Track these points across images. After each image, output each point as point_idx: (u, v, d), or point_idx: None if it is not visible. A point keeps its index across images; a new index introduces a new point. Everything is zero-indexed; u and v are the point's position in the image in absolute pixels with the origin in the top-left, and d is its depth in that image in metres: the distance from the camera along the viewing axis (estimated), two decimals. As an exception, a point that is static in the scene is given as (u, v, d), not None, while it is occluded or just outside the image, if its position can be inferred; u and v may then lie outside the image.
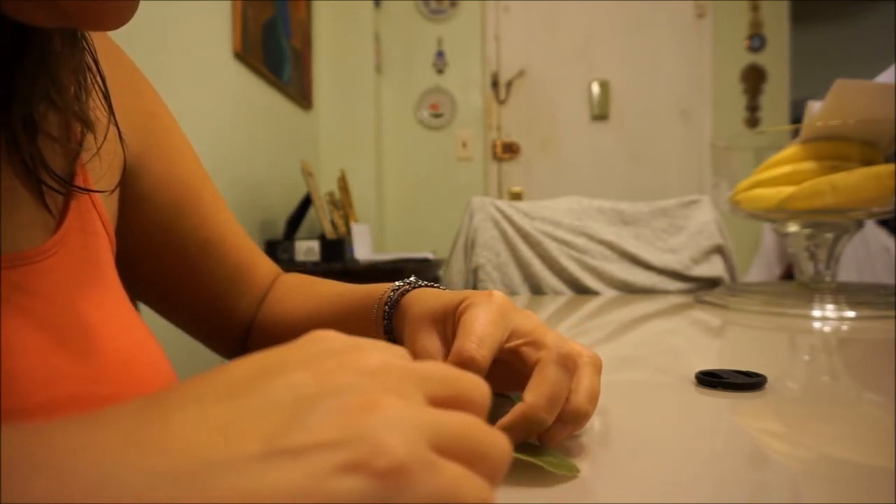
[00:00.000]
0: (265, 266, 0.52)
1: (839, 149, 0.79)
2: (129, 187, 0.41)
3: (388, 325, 0.38)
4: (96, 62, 0.34)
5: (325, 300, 0.45)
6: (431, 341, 0.33)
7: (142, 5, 0.27)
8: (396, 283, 0.39)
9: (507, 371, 0.32)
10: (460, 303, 0.32)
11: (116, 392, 0.30)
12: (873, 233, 2.01)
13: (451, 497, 0.15)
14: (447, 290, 0.36)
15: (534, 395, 0.28)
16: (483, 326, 0.30)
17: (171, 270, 0.46)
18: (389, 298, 0.38)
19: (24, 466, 0.14)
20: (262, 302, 0.51)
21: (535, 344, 0.30)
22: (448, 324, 0.33)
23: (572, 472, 0.26)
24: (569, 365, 0.29)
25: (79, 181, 0.34)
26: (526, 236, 1.08)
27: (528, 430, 0.28)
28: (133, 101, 0.42)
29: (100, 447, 0.15)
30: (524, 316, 0.32)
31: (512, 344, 0.31)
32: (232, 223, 0.49)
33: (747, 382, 0.41)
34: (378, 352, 0.19)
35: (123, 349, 0.32)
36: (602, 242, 1.08)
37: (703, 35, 2.71)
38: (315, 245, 1.81)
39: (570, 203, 1.14)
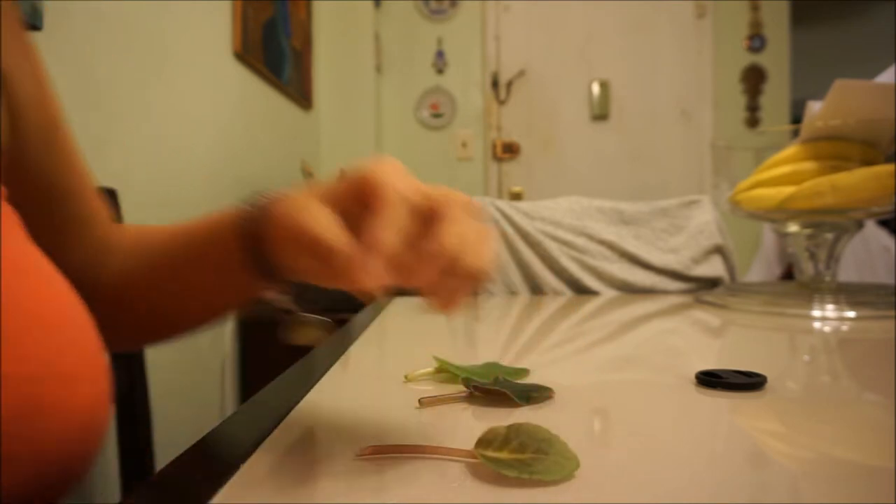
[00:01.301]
0: (110, 222, 0.47)
1: (839, 149, 0.79)
2: (5, 96, 0.37)
3: (256, 249, 0.33)
4: None
5: (159, 248, 0.42)
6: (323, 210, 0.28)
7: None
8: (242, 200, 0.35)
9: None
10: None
11: None
12: (873, 233, 2.01)
13: None
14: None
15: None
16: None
17: (29, 203, 0.38)
18: (249, 212, 0.34)
19: None
20: (102, 260, 0.46)
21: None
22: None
23: (570, 472, 0.26)
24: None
25: None
26: (526, 236, 1.08)
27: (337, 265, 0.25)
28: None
29: None
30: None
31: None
32: (88, 170, 0.45)
33: (747, 382, 0.41)
34: None
35: None
36: (602, 242, 1.08)
37: (703, 35, 2.71)
38: (315, 245, 1.81)
39: (570, 203, 1.14)
